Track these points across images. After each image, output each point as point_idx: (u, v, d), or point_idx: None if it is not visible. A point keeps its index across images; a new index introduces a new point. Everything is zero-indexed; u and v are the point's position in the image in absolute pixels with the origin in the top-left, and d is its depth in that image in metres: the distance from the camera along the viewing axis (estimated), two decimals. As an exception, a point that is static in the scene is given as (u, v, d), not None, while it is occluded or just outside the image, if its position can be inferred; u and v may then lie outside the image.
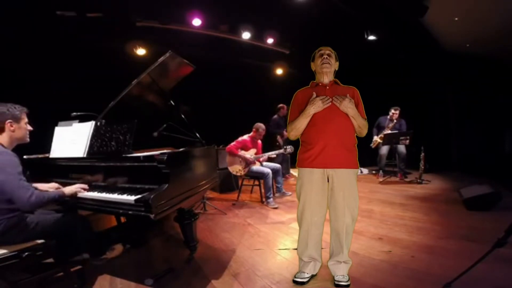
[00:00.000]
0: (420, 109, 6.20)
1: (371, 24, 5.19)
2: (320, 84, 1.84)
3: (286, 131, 5.56)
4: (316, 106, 1.73)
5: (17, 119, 1.71)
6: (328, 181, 1.80)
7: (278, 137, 5.37)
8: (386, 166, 5.43)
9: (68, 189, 1.85)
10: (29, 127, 1.81)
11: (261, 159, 4.12)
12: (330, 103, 1.73)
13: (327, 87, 1.81)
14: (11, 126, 1.69)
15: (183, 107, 2.77)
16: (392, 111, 5.06)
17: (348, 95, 1.74)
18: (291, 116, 1.89)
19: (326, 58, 1.81)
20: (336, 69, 1.88)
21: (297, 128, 1.82)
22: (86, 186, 1.93)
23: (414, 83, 6.18)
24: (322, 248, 1.97)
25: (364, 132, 1.83)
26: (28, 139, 1.81)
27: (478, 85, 5.36)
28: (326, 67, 1.80)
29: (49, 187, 1.95)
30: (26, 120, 1.78)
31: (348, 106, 1.72)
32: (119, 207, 1.73)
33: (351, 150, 1.80)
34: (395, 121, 5.02)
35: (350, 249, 1.88)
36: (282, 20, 5.25)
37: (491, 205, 3.08)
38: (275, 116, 5.47)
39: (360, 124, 1.78)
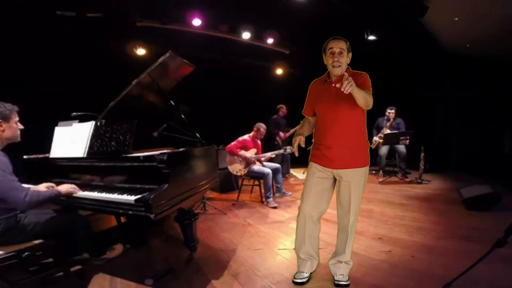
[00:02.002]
0: (420, 109, 6.20)
1: (371, 24, 5.19)
2: (328, 80, 1.81)
3: (284, 131, 5.60)
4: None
5: (6, 118, 1.68)
6: (335, 179, 1.83)
7: (277, 137, 5.38)
8: (386, 166, 5.44)
9: (64, 189, 1.84)
10: (20, 126, 1.77)
11: (262, 159, 4.13)
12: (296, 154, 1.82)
13: (333, 85, 1.75)
14: (0, 126, 1.66)
15: (183, 107, 2.76)
16: (388, 110, 5.11)
17: (345, 75, 1.54)
18: (304, 108, 1.95)
19: (337, 61, 1.69)
20: (349, 62, 1.79)
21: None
22: (76, 187, 1.92)
23: (414, 83, 6.18)
24: (320, 248, 1.97)
25: (370, 103, 1.67)
26: (19, 138, 1.77)
27: (478, 85, 5.35)
28: (337, 71, 1.72)
29: (45, 186, 1.95)
30: (17, 119, 1.74)
31: (348, 86, 1.47)
32: (119, 207, 1.73)
33: (358, 148, 1.77)
34: (391, 120, 5.06)
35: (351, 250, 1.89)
36: (282, 20, 5.25)
37: (491, 205, 3.07)
38: (275, 116, 5.48)
39: (365, 97, 1.60)
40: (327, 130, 1.76)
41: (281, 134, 5.35)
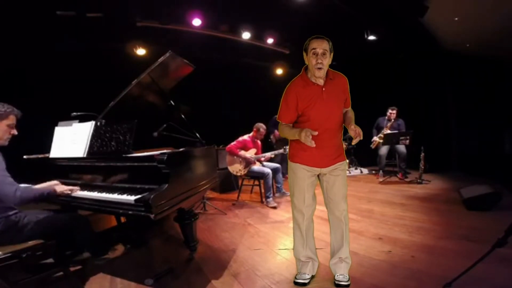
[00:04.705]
0: (420, 109, 6.20)
1: (371, 24, 5.19)
2: (315, 84, 1.75)
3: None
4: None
5: None
6: (319, 176, 1.86)
7: (272, 136, 5.37)
8: (386, 166, 5.43)
9: (60, 189, 1.85)
10: (14, 131, 1.73)
11: (262, 159, 4.13)
12: (315, 145, 1.60)
13: (323, 89, 1.74)
14: None
15: (183, 107, 2.77)
16: (390, 110, 5.09)
17: (356, 131, 1.64)
18: (281, 114, 1.87)
19: (320, 62, 1.65)
20: (330, 62, 1.74)
21: (286, 136, 1.85)
22: (77, 188, 1.93)
23: (414, 83, 6.18)
24: (321, 248, 1.97)
25: None
26: (6, 143, 1.72)
27: (478, 85, 5.35)
28: (320, 73, 1.69)
29: (49, 184, 1.95)
30: (10, 122, 1.70)
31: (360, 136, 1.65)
32: (119, 207, 1.73)
33: (341, 145, 1.87)
34: (392, 120, 5.06)
35: (349, 248, 1.88)
36: (282, 20, 5.25)
37: (491, 205, 3.07)
38: (275, 116, 5.47)
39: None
40: (321, 134, 1.72)
41: (276, 133, 5.32)
